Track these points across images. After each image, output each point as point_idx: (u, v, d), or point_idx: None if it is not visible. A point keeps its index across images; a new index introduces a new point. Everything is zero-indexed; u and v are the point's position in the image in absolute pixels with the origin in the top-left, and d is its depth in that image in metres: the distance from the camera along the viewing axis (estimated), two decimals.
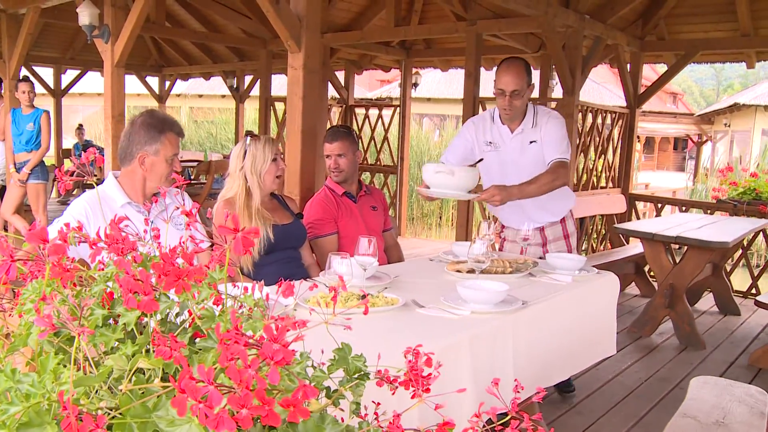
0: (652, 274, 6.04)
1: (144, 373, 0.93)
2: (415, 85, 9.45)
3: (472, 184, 2.59)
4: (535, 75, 8.17)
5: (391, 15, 7.20)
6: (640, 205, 8.21)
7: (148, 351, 0.91)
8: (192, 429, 0.76)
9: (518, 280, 2.69)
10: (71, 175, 1.11)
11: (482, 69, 9.22)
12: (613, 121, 6.83)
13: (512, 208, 3.13)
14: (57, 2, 5.21)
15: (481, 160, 3.06)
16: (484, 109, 6.48)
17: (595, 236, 7.06)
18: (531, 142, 3.13)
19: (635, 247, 6.08)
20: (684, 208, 6.76)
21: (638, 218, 7.09)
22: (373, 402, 1.01)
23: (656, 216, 6.87)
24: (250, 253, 2.69)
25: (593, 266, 2.93)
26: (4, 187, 6.37)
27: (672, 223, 5.12)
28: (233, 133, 12.31)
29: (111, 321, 0.99)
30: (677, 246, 5.92)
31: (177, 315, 1.05)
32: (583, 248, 6.83)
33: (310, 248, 3.10)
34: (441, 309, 2.16)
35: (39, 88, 10.94)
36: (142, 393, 0.84)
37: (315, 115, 3.43)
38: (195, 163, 9.89)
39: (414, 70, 9.30)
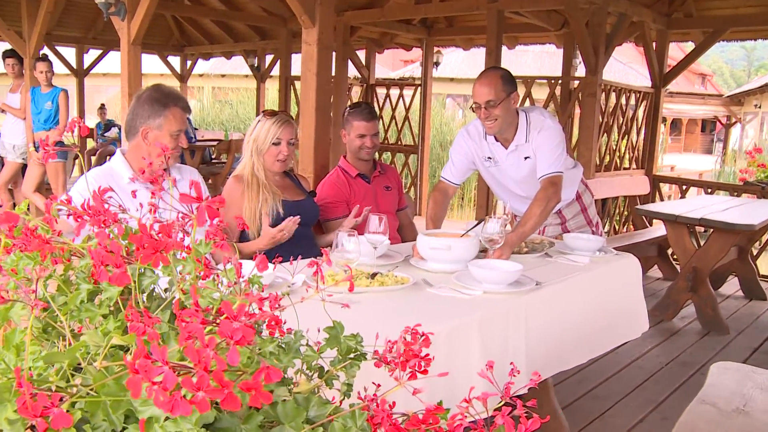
0: (675, 257, 5.92)
1: (127, 351, 0.90)
2: (437, 64, 9.33)
3: (472, 255, 2.43)
4: (558, 53, 8.02)
5: None
6: (665, 187, 8.06)
7: None
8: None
9: (534, 260, 2.63)
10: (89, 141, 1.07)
11: (505, 48, 9.13)
12: (638, 101, 6.67)
13: (524, 203, 2.96)
14: None
15: (481, 221, 2.68)
16: None
17: (617, 218, 6.93)
18: (526, 158, 2.96)
19: (658, 229, 5.94)
20: (710, 190, 6.60)
21: (662, 200, 6.95)
22: (373, 383, 0.97)
23: (681, 198, 6.73)
24: (247, 227, 2.66)
25: (614, 248, 2.85)
26: (25, 165, 6.43)
27: (696, 205, 4.99)
28: (254, 112, 12.31)
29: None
30: (702, 229, 5.79)
31: (165, 291, 1.02)
32: (605, 230, 6.72)
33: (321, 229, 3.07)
34: (452, 289, 2.11)
35: (62, 68, 11.01)
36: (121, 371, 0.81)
37: (329, 91, 3.37)
38: (216, 143, 9.89)
39: (435, 49, 9.18)
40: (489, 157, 3.05)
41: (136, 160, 2.40)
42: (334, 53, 8.08)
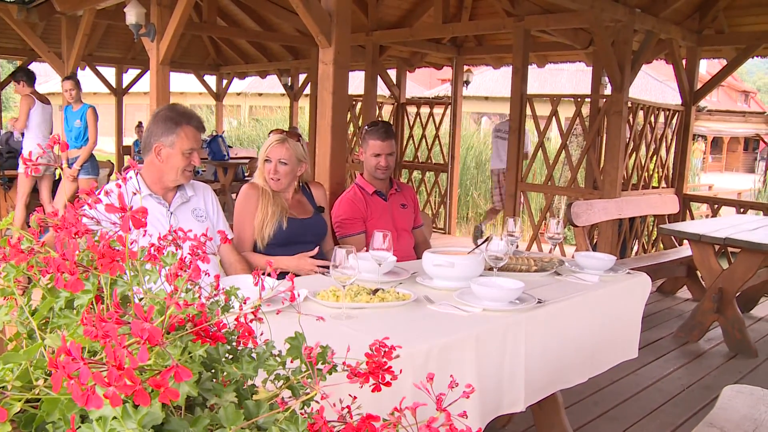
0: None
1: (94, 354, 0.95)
2: (467, 82, 9.36)
3: (476, 273, 2.40)
4: (587, 72, 7.96)
5: (439, 12, 7.15)
6: (703, 207, 7.90)
7: None
8: (110, 409, 0.77)
9: (542, 278, 2.62)
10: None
11: (536, 67, 9.10)
12: (667, 119, 6.59)
13: None
14: (109, 3, 5.39)
15: (488, 238, 2.50)
16: (532, 106, 6.35)
17: (646, 238, 6.83)
18: None
19: (688, 249, 5.84)
20: (742, 210, 6.45)
21: (692, 219, 6.82)
22: (350, 395, 1.00)
23: (711, 217, 6.60)
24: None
25: (640, 268, 2.82)
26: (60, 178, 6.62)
27: (723, 225, 4.90)
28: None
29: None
30: (738, 249, 5.66)
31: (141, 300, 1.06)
32: (633, 250, 6.63)
33: (335, 243, 3.11)
34: (452, 306, 2.13)
35: (102, 87, 11.36)
36: None
37: (345, 110, 3.43)
38: (248, 160, 10.08)
39: (465, 68, 9.22)
40: None
41: (149, 176, 2.48)
42: (363, 72, 8.23)
